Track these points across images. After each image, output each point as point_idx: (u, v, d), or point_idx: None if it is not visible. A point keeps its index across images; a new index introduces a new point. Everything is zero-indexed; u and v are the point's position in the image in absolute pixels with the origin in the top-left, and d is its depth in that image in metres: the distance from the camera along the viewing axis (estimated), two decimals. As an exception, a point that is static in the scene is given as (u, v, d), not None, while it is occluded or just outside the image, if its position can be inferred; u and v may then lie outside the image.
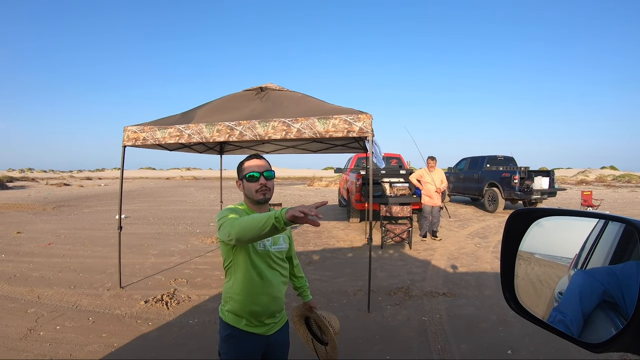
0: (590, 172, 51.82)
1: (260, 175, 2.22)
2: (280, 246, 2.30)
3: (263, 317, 2.22)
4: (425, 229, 9.98)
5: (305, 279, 2.70)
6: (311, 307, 2.69)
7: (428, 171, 9.72)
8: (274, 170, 2.32)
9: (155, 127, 5.55)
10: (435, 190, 9.53)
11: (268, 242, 2.22)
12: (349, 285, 6.18)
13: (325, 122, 4.95)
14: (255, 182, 2.21)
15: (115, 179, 51.46)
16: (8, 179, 37.91)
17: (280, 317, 2.35)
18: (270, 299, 2.22)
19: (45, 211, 16.10)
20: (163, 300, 5.47)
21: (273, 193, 2.33)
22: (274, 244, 2.25)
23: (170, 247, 9.13)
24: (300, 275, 2.66)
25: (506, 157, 16.95)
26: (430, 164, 9.73)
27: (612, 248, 0.96)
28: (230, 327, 2.21)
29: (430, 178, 9.60)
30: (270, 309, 2.23)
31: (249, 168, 2.24)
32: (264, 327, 2.25)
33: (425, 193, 9.75)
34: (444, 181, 9.79)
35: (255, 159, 2.28)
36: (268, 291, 2.20)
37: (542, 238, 1.11)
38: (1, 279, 6.47)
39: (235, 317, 2.21)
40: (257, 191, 2.21)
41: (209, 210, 16.61)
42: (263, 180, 2.22)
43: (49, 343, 4.24)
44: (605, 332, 0.86)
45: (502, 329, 4.59)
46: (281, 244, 2.31)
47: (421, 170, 9.98)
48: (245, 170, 2.25)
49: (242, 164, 2.31)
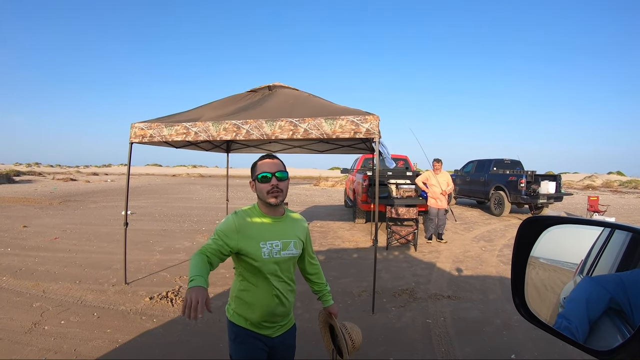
0: (596, 177, 51.44)
1: (272, 176, 2.13)
2: (289, 252, 2.22)
3: (267, 321, 2.19)
4: (430, 232, 9.89)
5: (325, 284, 2.58)
6: (330, 313, 2.57)
7: (434, 174, 9.69)
8: (288, 171, 2.24)
9: (162, 124, 5.56)
10: (440, 192, 9.49)
11: (276, 247, 2.15)
12: (354, 286, 6.18)
13: (333, 122, 4.95)
14: (266, 183, 2.13)
15: (122, 175, 51.73)
16: (15, 173, 38.10)
17: (286, 321, 2.31)
18: (275, 305, 2.18)
19: (51, 206, 16.18)
20: (168, 297, 5.49)
21: (287, 195, 2.24)
22: (283, 249, 2.18)
23: (176, 244, 9.15)
24: (320, 281, 2.55)
25: (513, 161, 16.87)
26: (436, 166, 9.68)
27: (618, 256, 0.97)
28: (235, 327, 2.20)
29: (436, 180, 9.56)
30: (274, 314, 2.20)
31: (261, 168, 2.17)
32: (269, 330, 2.22)
33: (431, 195, 9.68)
34: (450, 184, 9.73)
35: (268, 158, 2.21)
36: (273, 297, 2.17)
37: (552, 245, 1.11)
38: (7, 273, 6.51)
39: (240, 317, 2.19)
40: (269, 192, 2.12)
41: (214, 208, 16.63)
42: (275, 181, 2.13)
43: (54, 337, 4.26)
44: (612, 340, 0.86)
45: (506, 333, 4.57)
46: (291, 249, 2.22)
47: (427, 172, 9.96)
48: (257, 170, 2.18)
49: (255, 163, 2.23)
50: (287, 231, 2.24)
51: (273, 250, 2.14)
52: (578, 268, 1.06)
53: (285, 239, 2.21)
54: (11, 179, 31.11)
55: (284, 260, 2.19)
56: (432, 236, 10.00)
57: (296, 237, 2.27)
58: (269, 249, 2.13)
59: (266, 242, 2.13)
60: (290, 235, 2.24)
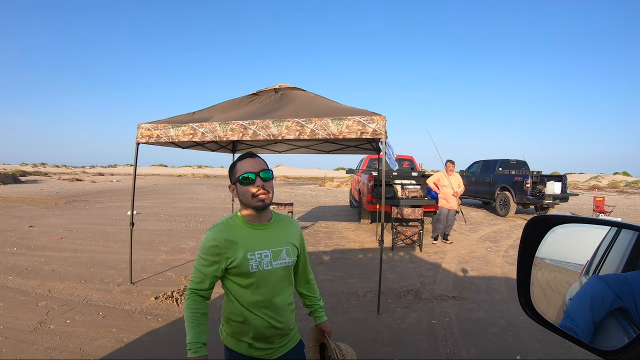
0: (602, 178, 51.20)
1: (255, 177, 1.91)
2: (282, 261, 1.99)
3: (264, 341, 1.98)
4: (438, 232, 9.87)
5: (318, 298, 2.31)
6: (324, 331, 2.27)
7: (446, 174, 9.69)
8: (272, 170, 2.02)
9: (168, 125, 5.58)
10: (452, 193, 9.51)
11: (266, 258, 1.93)
12: (359, 287, 6.18)
13: (339, 123, 4.95)
14: (250, 185, 1.91)
15: (127, 175, 51.87)
16: (21, 173, 38.25)
17: (288, 339, 2.08)
18: (271, 326, 1.96)
19: (57, 206, 16.26)
20: (173, 297, 5.50)
21: (273, 197, 2.01)
22: (274, 259, 1.96)
23: (181, 244, 9.17)
24: (312, 294, 2.30)
25: (519, 161, 16.83)
26: (449, 167, 9.69)
27: (625, 256, 0.96)
28: (230, 351, 2.01)
29: (448, 181, 9.58)
30: (270, 334, 1.98)
31: (242, 168, 1.94)
32: (266, 352, 1.99)
33: (442, 196, 9.68)
34: (461, 185, 9.77)
35: (249, 158, 1.98)
36: (266, 317, 1.95)
37: (558, 245, 1.11)
38: (13, 272, 6.55)
39: (234, 339, 2.00)
40: (254, 196, 1.91)
41: (220, 208, 16.65)
42: (260, 181, 1.92)
43: (59, 336, 4.28)
44: (617, 340, 0.86)
45: (511, 334, 4.56)
46: (283, 257, 2.00)
47: (439, 173, 9.93)
48: (238, 171, 1.96)
49: (234, 165, 2.01)
50: (276, 238, 2.02)
51: (263, 261, 1.93)
52: (584, 268, 1.06)
53: (275, 247, 1.99)
54: (17, 179, 31.28)
55: (275, 272, 1.97)
56: (438, 237, 9.98)
57: (288, 243, 2.05)
58: (257, 261, 1.91)
59: (254, 252, 1.91)
60: (281, 242, 2.02)
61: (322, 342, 2.35)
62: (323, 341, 2.33)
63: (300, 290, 2.29)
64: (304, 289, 2.29)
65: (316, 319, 2.29)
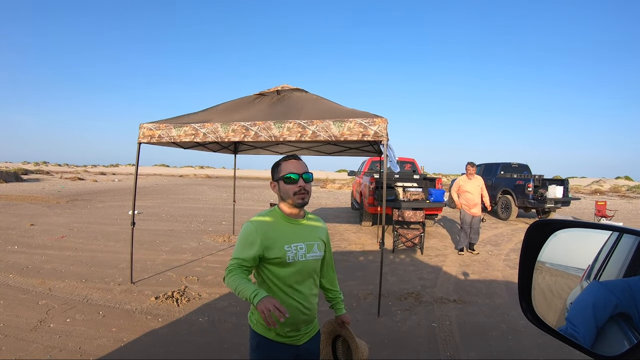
0: (604, 182, 51.12)
1: (299, 178, 2.09)
2: (314, 254, 2.17)
3: (292, 329, 2.13)
4: (463, 243, 8.99)
5: (339, 292, 2.48)
6: (343, 322, 2.46)
7: (467, 179, 8.89)
8: (312, 173, 2.19)
9: (170, 125, 5.58)
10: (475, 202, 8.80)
11: (301, 250, 2.10)
12: (360, 289, 6.17)
13: (341, 125, 4.95)
14: (293, 185, 2.08)
15: (129, 174, 51.93)
16: (23, 171, 38.37)
17: (312, 327, 2.25)
18: (300, 311, 2.11)
19: (58, 204, 16.27)
20: (173, 297, 5.50)
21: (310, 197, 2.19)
22: (307, 252, 2.13)
23: (182, 244, 9.17)
24: (334, 288, 2.45)
25: (520, 165, 16.80)
26: (470, 170, 8.85)
27: (626, 261, 0.96)
28: (259, 336, 2.13)
29: (471, 187, 8.78)
30: (299, 320, 2.13)
31: (287, 169, 2.11)
32: (294, 338, 2.15)
33: (465, 204, 8.87)
34: (484, 190, 9.00)
35: (294, 159, 2.15)
36: (297, 303, 2.10)
37: (559, 250, 1.10)
38: (13, 270, 6.56)
39: (264, 326, 2.10)
40: (296, 194, 2.08)
41: (221, 209, 16.65)
42: (302, 182, 2.09)
43: (59, 335, 4.28)
44: (618, 345, 0.85)
45: (511, 338, 4.55)
46: (315, 251, 2.17)
47: (460, 179, 9.10)
48: (282, 171, 2.13)
49: (278, 164, 2.18)
50: (310, 233, 2.20)
51: (298, 253, 2.09)
52: (585, 273, 1.05)
53: (309, 241, 2.16)
54: (19, 178, 31.41)
55: (307, 263, 2.14)
56: (463, 248, 9.09)
57: (319, 238, 2.23)
58: (294, 252, 2.08)
59: (290, 245, 2.08)
60: (313, 237, 2.20)
61: (337, 333, 2.54)
62: (338, 333, 2.53)
63: (324, 283, 2.42)
64: (327, 283, 2.43)
65: (337, 310, 2.47)
